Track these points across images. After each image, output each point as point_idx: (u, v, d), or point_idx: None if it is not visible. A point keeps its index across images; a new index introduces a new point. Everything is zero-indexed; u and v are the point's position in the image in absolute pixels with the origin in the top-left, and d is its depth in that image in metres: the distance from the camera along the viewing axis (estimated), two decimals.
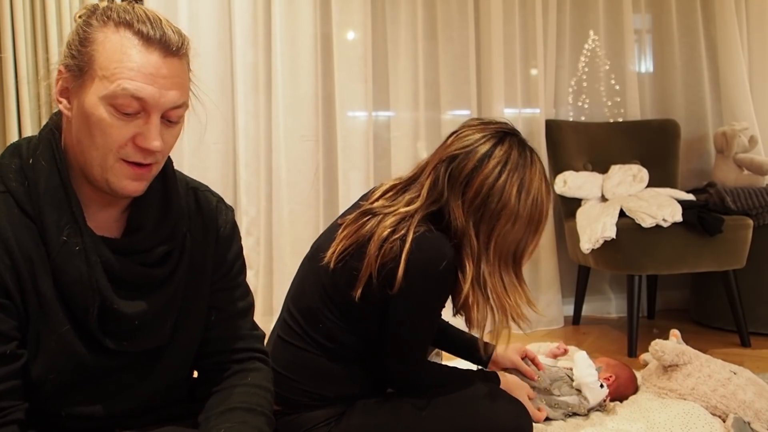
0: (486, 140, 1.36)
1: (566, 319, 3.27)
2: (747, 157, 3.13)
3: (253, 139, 2.98)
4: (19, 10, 2.47)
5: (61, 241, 0.96)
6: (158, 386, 1.10)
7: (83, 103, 0.95)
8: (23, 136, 2.48)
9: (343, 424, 1.38)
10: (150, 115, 0.96)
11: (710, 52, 3.47)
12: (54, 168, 0.98)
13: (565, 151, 3.19)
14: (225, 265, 1.18)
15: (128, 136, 0.96)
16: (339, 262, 1.35)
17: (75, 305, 0.98)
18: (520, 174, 1.34)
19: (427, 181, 1.36)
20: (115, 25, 0.95)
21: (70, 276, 0.97)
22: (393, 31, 3.13)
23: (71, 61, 0.96)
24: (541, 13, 3.23)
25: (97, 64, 0.94)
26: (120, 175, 0.97)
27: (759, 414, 1.78)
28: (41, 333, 0.97)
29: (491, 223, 1.33)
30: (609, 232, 2.61)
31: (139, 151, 0.97)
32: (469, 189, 1.33)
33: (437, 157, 1.39)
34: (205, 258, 1.14)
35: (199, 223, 1.14)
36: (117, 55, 0.94)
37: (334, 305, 1.38)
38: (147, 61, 0.94)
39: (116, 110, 0.94)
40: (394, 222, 1.31)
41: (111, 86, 0.93)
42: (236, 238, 1.21)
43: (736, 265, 2.70)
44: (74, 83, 0.96)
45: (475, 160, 1.33)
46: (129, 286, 1.02)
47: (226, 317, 1.18)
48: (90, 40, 0.95)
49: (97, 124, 0.94)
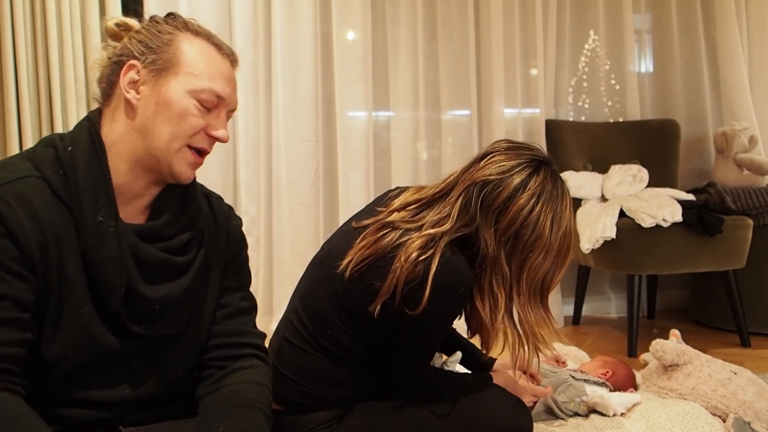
0: (521, 169, 1.34)
1: (566, 319, 3.27)
2: (747, 157, 3.13)
3: (253, 139, 2.98)
4: (19, 10, 2.47)
5: (97, 221, 1.03)
6: (166, 376, 1.14)
7: (164, 93, 1.07)
8: (23, 136, 2.48)
9: (344, 425, 1.38)
10: (221, 111, 1.12)
11: (710, 52, 3.47)
12: (95, 155, 1.05)
13: (565, 151, 3.19)
14: (234, 266, 1.24)
15: (202, 126, 1.09)
16: (355, 272, 1.32)
17: (102, 285, 1.03)
18: (554, 206, 1.34)
19: (458, 203, 1.33)
20: (195, 34, 1.11)
21: (102, 255, 1.03)
22: (393, 31, 3.13)
23: (153, 56, 1.07)
24: (541, 13, 3.23)
25: (183, 61, 1.08)
26: (183, 160, 1.09)
27: (759, 414, 1.78)
28: (62, 312, 1.01)
29: (524, 254, 1.32)
30: (609, 232, 2.62)
31: (208, 138, 1.11)
32: (503, 218, 1.31)
33: (469, 178, 1.35)
34: (217, 256, 1.21)
35: (213, 224, 1.21)
36: (202, 57, 1.10)
37: (345, 314, 1.37)
38: (226, 67, 1.14)
39: (200, 103, 1.08)
40: (422, 244, 1.28)
41: (198, 82, 1.08)
42: (245, 245, 1.29)
43: (736, 265, 2.70)
44: (153, 76, 1.07)
45: (510, 189, 1.32)
46: (152, 272, 1.09)
47: (230, 313, 1.22)
48: (174, 41, 1.09)
49: (180, 112, 1.07)
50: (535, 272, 1.34)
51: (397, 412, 1.39)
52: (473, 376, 1.60)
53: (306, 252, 2.87)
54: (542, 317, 1.37)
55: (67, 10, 2.52)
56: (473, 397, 1.41)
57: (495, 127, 3.17)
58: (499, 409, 1.40)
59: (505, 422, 1.39)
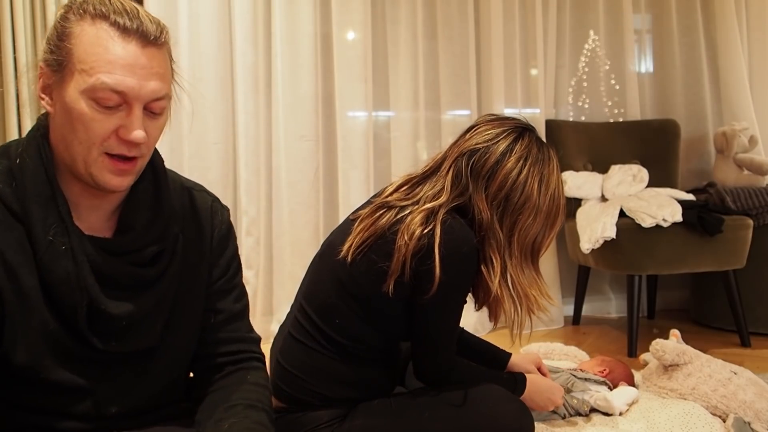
0: (506, 135, 1.39)
1: (566, 319, 3.27)
2: (747, 157, 3.13)
3: (253, 139, 2.98)
4: (19, 10, 2.47)
5: (47, 240, 0.95)
6: (154, 388, 1.10)
7: (64, 98, 0.94)
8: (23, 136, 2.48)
9: (346, 424, 1.38)
10: (132, 107, 0.95)
11: (710, 52, 3.47)
12: (40, 166, 0.97)
13: (565, 151, 3.19)
14: (222, 267, 1.17)
15: (111, 129, 0.95)
16: (357, 254, 1.35)
17: (63, 304, 0.98)
18: (540, 169, 1.38)
19: (449, 176, 1.38)
20: (92, 17, 0.95)
21: (56, 275, 0.96)
22: (393, 31, 3.13)
23: (50, 57, 0.96)
24: (541, 13, 3.23)
25: (75, 58, 0.94)
26: (103, 169, 0.97)
27: (759, 414, 1.78)
28: (21, 332, 0.96)
29: (514, 217, 1.37)
30: (609, 232, 2.61)
31: (123, 143, 0.96)
32: (493, 183, 1.36)
33: (456, 151, 1.41)
34: (199, 259, 1.14)
35: (194, 224, 1.14)
36: (94, 48, 0.93)
37: (353, 299, 1.37)
38: (125, 52, 0.93)
39: (97, 104, 0.93)
40: (423, 218, 1.32)
41: (90, 80, 0.92)
42: (232, 238, 1.20)
43: (736, 265, 2.70)
44: (54, 79, 0.96)
45: (497, 154, 1.37)
46: (118, 285, 1.02)
47: (225, 319, 1.18)
48: (67, 34, 0.95)
49: (78, 118, 0.94)
50: (526, 234, 1.38)
51: (399, 413, 1.39)
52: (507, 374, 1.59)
53: (306, 252, 2.86)
54: (534, 279, 1.42)
55: None
56: (475, 398, 1.41)
57: None
58: (500, 411, 1.40)
59: (506, 424, 1.39)
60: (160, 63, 0.97)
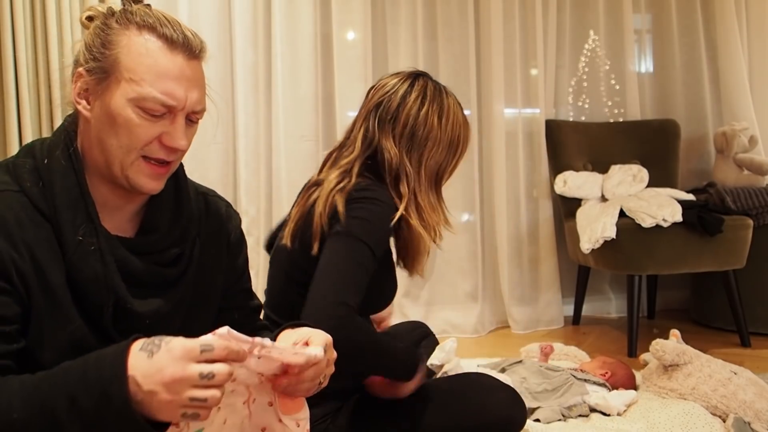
0: (402, 81, 1.49)
1: (566, 319, 3.27)
2: (747, 157, 3.13)
3: (253, 139, 2.99)
4: (19, 11, 2.47)
5: (76, 240, 0.97)
6: None
7: (108, 104, 0.97)
8: (23, 136, 2.48)
9: (339, 419, 1.39)
10: (176, 116, 0.99)
11: (710, 52, 3.47)
12: (70, 168, 1.00)
13: (565, 151, 3.19)
14: (238, 270, 1.21)
15: (154, 136, 0.99)
16: (295, 239, 1.39)
17: (89, 303, 0.99)
18: (438, 103, 1.48)
19: (360, 133, 1.47)
20: (138, 28, 0.98)
21: (85, 275, 0.98)
22: (393, 31, 3.13)
23: (93, 64, 0.98)
24: (541, 13, 3.23)
25: (122, 66, 0.96)
26: (140, 173, 1.00)
27: (759, 414, 1.78)
28: (48, 329, 0.98)
29: (420, 149, 1.46)
30: (609, 232, 2.62)
31: (164, 148, 1.00)
32: (398, 124, 1.45)
33: (363, 113, 1.50)
34: (215, 262, 1.16)
35: (209, 228, 1.17)
36: (143, 59, 0.96)
37: (304, 287, 1.30)
38: (173, 64, 0.97)
39: (144, 111, 0.97)
40: (338, 175, 1.40)
41: (139, 89, 0.96)
42: (245, 244, 1.25)
43: (736, 265, 2.70)
44: (97, 85, 0.98)
45: (398, 98, 1.46)
46: (142, 285, 1.04)
47: (246, 314, 1.23)
48: (113, 42, 0.97)
49: (124, 124, 0.97)
50: (431, 163, 1.47)
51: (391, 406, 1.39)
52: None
53: None
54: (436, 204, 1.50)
55: (67, 10, 2.52)
56: (467, 389, 1.42)
57: (495, 127, 3.17)
58: (491, 400, 1.40)
59: (497, 413, 1.39)
60: (201, 75, 1.03)
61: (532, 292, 3.26)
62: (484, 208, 3.26)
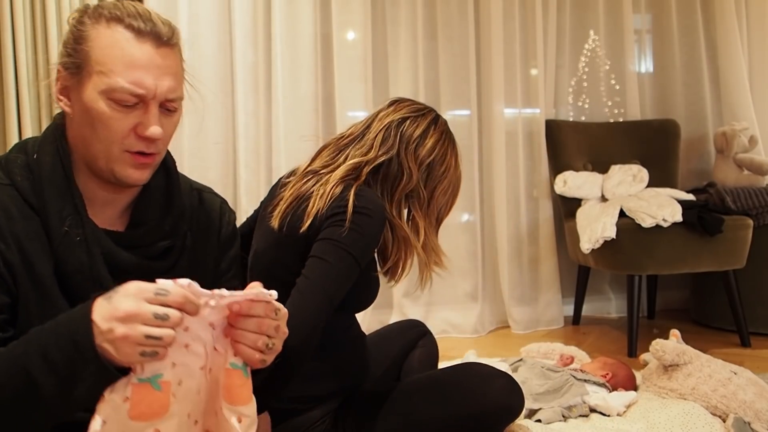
0: (427, 113, 1.51)
1: (566, 319, 3.27)
2: (747, 157, 3.13)
3: (253, 139, 2.98)
4: (19, 10, 2.47)
5: (62, 231, 1.00)
6: None
7: (83, 99, 1.00)
8: (23, 136, 2.48)
9: (338, 418, 1.39)
10: (148, 105, 1.00)
11: (710, 52, 3.47)
12: (58, 162, 1.02)
13: (565, 151, 3.19)
14: (227, 261, 1.22)
15: (129, 127, 1.00)
16: (283, 220, 1.38)
17: (76, 294, 1.00)
18: (454, 150, 1.52)
19: (378, 137, 1.46)
20: (107, 21, 1.00)
21: (71, 265, 1.00)
22: (393, 31, 3.13)
23: (68, 60, 1.01)
24: (541, 13, 3.23)
25: (93, 60, 0.99)
26: (124, 164, 1.02)
27: (759, 414, 1.78)
28: (36, 320, 0.97)
29: (434, 184, 1.48)
30: (609, 232, 2.61)
31: (141, 140, 1.01)
32: (422, 148, 1.46)
33: (385, 118, 1.49)
34: (206, 256, 1.18)
35: (203, 223, 1.18)
36: (111, 50, 0.98)
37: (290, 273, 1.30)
38: (141, 53, 0.99)
39: (116, 103, 0.98)
40: (345, 172, 1.40)
41: (108, 81, 0.97)
42: (237, 240, 1.26)
43: (736, 265, 2.70)
44: (72, 81, 1.01)
45: (425, 125, 1.48)
46: (129, 278, 1.03)
47: None
48: (84, 37, 1.00)
49: (98, 117, 0.99)
50: (438, 202, 1.50)
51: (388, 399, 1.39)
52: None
53: None
54: (437, 245, 1.53)
55: (67, 10, 2.52)
56: (464, 378, 1.42)
57: (495, 127, 3.17)
58: (489, 388, 1.40)
59: (495, 400, 1.39)
60: (174, 62, 1.03)
61: (532, 292, 3.26)
62: (484, 208, 3.25)
